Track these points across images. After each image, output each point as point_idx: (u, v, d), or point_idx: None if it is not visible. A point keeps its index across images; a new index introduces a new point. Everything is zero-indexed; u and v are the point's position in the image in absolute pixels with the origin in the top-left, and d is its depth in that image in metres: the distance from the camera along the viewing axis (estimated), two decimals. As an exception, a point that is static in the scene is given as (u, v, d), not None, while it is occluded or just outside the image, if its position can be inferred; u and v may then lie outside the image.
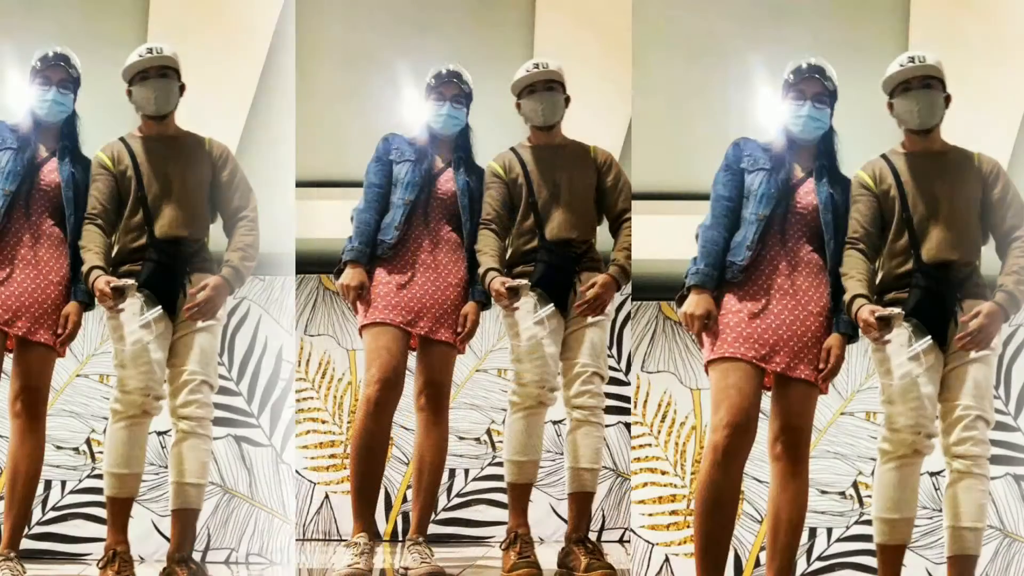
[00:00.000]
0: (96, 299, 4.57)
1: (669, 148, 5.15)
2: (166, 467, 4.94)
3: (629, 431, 5.51)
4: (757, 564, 5.20)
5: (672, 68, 5.18)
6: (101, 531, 4.80)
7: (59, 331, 4.65)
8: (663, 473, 5.38)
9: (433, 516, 5.36)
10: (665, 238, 4.84)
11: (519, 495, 4.89)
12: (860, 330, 4.26)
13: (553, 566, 4.91)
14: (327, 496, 5.71)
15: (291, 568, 5.21)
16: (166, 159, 4.66)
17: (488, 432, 5.73)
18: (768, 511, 4.37)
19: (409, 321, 4.86)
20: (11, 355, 4.64)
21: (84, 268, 4.59)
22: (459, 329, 4.90)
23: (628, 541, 5.49)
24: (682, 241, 4.50)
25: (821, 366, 4.32)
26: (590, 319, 4.86)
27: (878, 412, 4.51)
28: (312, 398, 5.77)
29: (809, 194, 4.39)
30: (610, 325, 5.26)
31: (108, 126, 4.74)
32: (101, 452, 5.06)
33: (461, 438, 5.69)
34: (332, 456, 5.74)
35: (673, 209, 5.07)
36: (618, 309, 5.65)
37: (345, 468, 5.65)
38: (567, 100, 4.94)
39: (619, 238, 4.91)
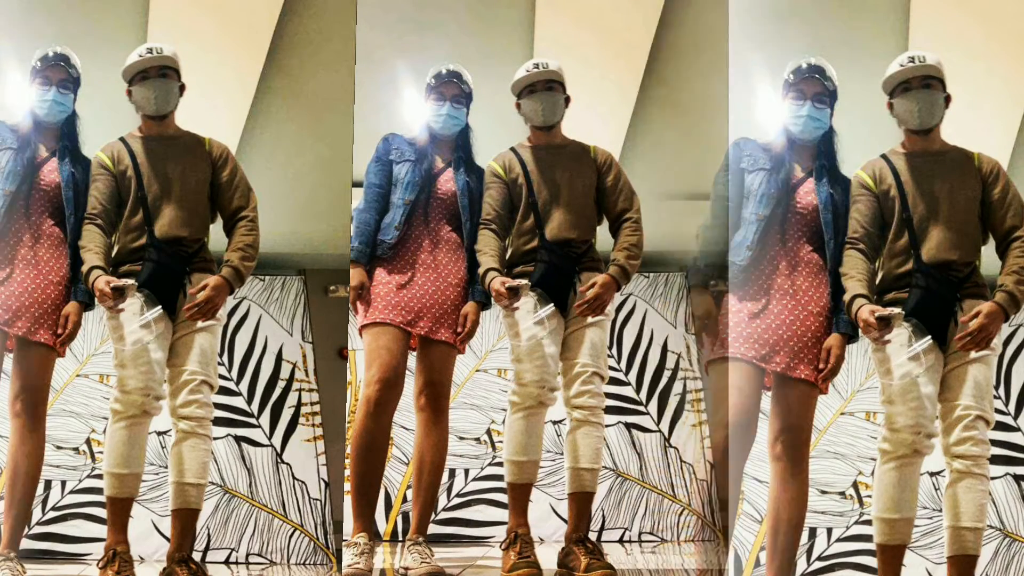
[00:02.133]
0: (96, 299, 4.57)
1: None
2: (166, 467, 4.94)
3: (629, 431, 5.51)
4: (757, 564, 5.20)
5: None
6: (101, 531, 4.80)
7: (59, 331, 4.64)
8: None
9: (433, 516, 5.35)
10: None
11: (519, 495, 4.88)
12: (860, 330, 4.26)
13: (553, 566, 4.91)
14: None
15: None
16: (166, 159, 4.66)
17: (488, 432, 5.72)
18: (768, 511, 4.37)
19: (409, 321, 4.85)
20: (11, 355, 4.64)
21: (84, 268, 4.58)
22: (459, 329, 4.89)
23: (628, 541, 5.48)
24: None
25: (821, 366, 4.31)
26: (590, 319, 4.85)
27: (878, 412, 4.51)
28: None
29: (809, 194, 4.39)
30: (610, 325, 5.26)
31: (108, 126, 4.73)
32: (101, 452, 5.06)
33: (461, 438, 5.68)
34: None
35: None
36: (618, 309, 5.64)
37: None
38: (567, 100, 4.93)
39: (619, 238, 4.91)
